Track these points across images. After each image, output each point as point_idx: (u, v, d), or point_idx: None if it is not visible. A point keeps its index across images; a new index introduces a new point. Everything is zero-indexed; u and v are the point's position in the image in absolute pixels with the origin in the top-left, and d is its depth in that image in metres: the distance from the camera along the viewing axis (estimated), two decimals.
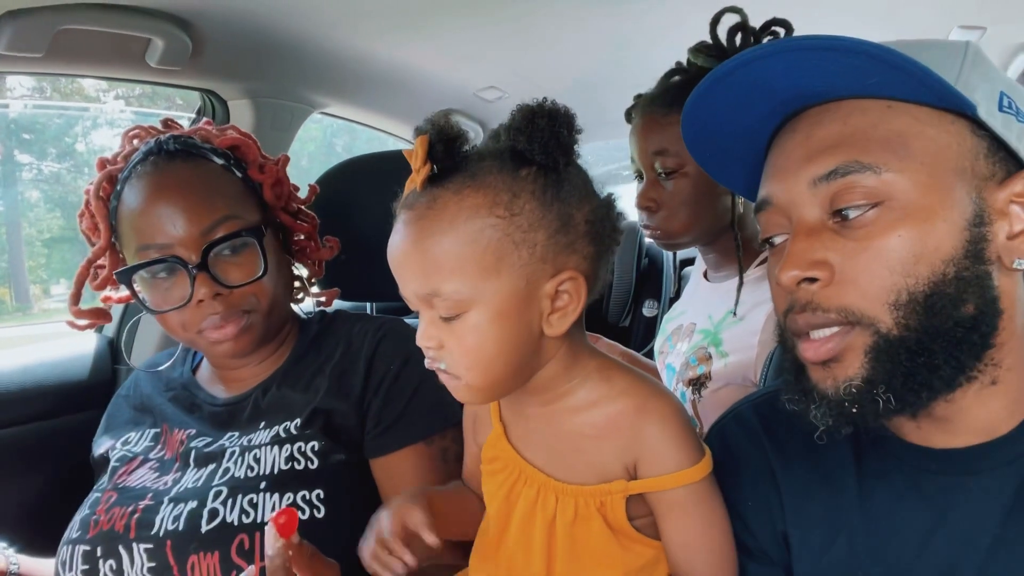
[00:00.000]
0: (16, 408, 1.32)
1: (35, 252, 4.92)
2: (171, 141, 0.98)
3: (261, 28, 1.37)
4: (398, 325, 1.08)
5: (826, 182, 0.60)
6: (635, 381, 0.72)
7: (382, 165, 1.34)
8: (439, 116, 0.67)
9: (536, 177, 0.65)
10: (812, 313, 0.61)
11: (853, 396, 0.60)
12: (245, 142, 1.05)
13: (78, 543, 0.91)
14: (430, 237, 0.64)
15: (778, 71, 0.61)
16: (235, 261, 0.95)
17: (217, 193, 0.96)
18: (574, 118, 0.66)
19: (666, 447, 0.68)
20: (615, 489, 0.69)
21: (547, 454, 0.73)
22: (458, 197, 0.64)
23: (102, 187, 0.98)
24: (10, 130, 4.10)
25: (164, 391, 1.10)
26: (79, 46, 1.21)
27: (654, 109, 1.18)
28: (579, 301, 0.67)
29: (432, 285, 0.65)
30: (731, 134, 0.69)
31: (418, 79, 1.84)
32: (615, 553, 0.70)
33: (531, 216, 0.64)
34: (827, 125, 0.62)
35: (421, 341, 0.68)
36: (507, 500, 0.74)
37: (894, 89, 0.59)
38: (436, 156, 0.65)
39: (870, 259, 0.58)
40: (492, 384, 0.68)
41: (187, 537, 0.86)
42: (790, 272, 0.61)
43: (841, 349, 0.60)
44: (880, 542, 0.65)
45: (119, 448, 1.04)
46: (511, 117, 0.66)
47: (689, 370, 1.19)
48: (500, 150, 0.67)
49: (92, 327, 1.04)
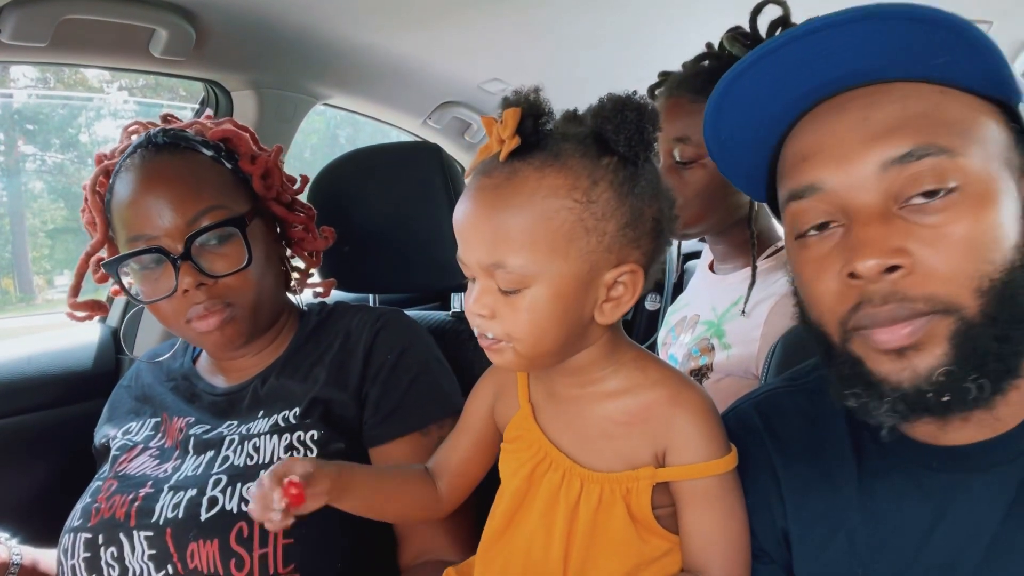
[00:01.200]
0: (21, 397, 1.32)
1: (39, 243, 4.94)
2: (160, 134, 0.99)
3: (265, 19, 1.37)
4: (397, 316, 1.09)
5: (899, 165, 0.57)
6: (669, 372, 0.73)
7: (386, 157, 1.34)
8: (531, 90, 0.67)
9: (616, 168, 0.66)
10: (899, 304, 0.57)
11: (942, 385, 0.57)
12: (237, 133, 1.05)
13: (80, 531, 0.92)
14: (506, 209, 0.65)
15: (839, 44, 0.59)
16: (220, 252, 0.95)
17: (204, 184, 0.97)
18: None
19: (697, 437, 0.69)
20: (643, 476, 0.70)
21: (575, 438, 0.74)
22: (539, 174, 0.65)
23: (98, 181, 1.00)
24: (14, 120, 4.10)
25: (165, 381, 1.10)
26: (83, 36, 1.20)
27: (682, 92, 1.15)
28: (634, 293, 0.69)
29: (499, 256, 0.65)
30: (751, 121, 0.67)
31: (422, 71, 1.84)
32: (632, 543, 0.70)
33: (606, 206, 0.65)
34: (884, 107, 0.59)
35: (474, 308, 0.69)
36: (528, 480, 0.75)
37: (955, 72, 0.58)
38: (524, 130, 0.65)
39: (950, 246, 0.56)
40: (536, 356, 0.69)
41: (187, 525, 0.87)
42: (868, 261, 0.56)
43: (921, 336, 0.57)
44: (880, 539, 0.65)
45: (120, 437, 1.04)
46: (600, 103, 0.66)
47: (691, 361, 1.19)
48: (583, 135, 0.67)
49: (89, 319, 1.06)
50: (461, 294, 1.39)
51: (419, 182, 1.21)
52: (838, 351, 0.62)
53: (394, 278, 1.29)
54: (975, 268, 0.56)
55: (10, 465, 1.29)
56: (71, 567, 0.91)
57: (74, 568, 0.90)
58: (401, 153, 1.37)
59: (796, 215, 0.64)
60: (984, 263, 0.56)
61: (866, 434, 0.69)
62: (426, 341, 1.08)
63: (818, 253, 0.62)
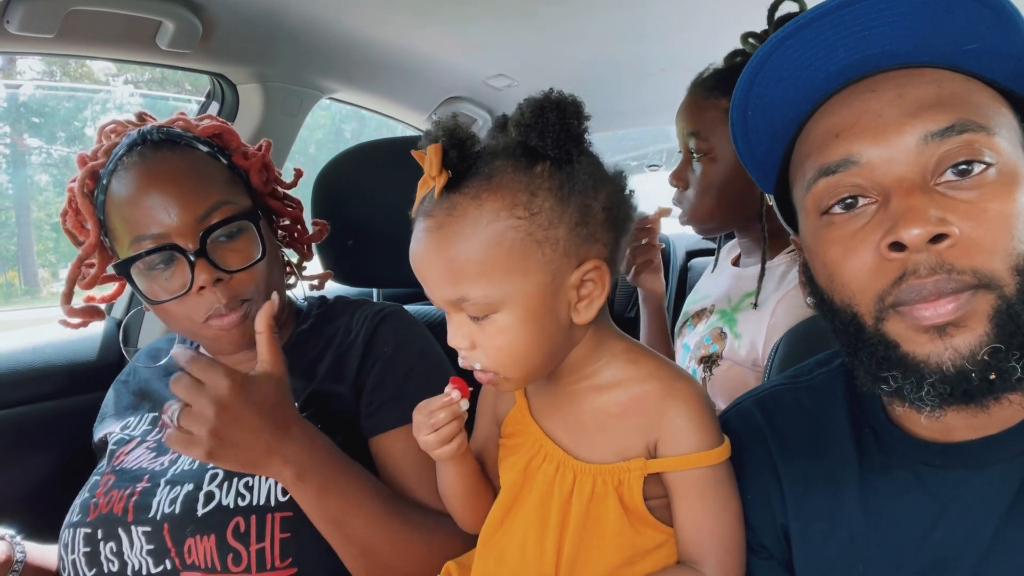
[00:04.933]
0: (26, 388, 1.33)
1: (44, 236, 4.94)
2: (154, 131, 0.97)
3: (272, 12, 1.37)
4: (397, 310, 1.09)
5: (940, 139, 0.57)
6: (661, 364, 0.73)
7: (390, 151, 1.34)
8: (447, 119, 0.66)
9: (552, 173, 0.65)
10: (946, 276, 0.55)
11: (988, 364, 0.55)
12: (226, 129, 1.05)
13: (79, 526, 0.92)
14: (453, 245, 0.65)
15: (874, 20, 0.59)
16: (232, 247, 0.95)
17: (207, 179, 0.96)
18: (582, 106, 0.66)
19: (688, 428, 0.69)
20: (634, 467, 0.70)
21: (569, 431, 0.74)
22: (477, 202, 0.64)
23: (85, 183, 0.96)
24: (20, 113, 4.11)
25: (163, 376, 1.10)
26: (90, 27, 1.21)
27: (697, 90, 1.21)
28: (604, 287, 0.69)
29: (460, 291, 0.65)
30: (777, 100, 0.67)
31: (427, 65, 1.84)
32: (626, 534, 0.71)
33: (551, 213, 0.65)
34: (919, 86, 0.59)
35: (453, 342, 0.69)
36: (524, 473, 0.75)
37: (984, 61, 0.59)
38: (450, 161, 0.65)
39: (991, 220, 0.55)
40: (527, 374, 0.70)
41: (184, 520, 0.87)
42: (914, 230, 0.55)
43: (963, 313, 0.55)
44: (881, 535, 0.65)
45: (118, 432, 1.05)
46: (519, 111, 0.66)
47: (702, 349, 1.21)
48: (511, 146, 0.66)
49: (84, 325, 1.03)
50: None
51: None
52: (870, 333, 0.60)
53: (397, 273, 1.29)
54: (1013, 246, 0.55)
55: (16, 454, 1.30)
56: (71, 562, 0.91)
57: (75, 563, 0.91)
58: (406, 147, 1.36)
59: (824, 191, 0.62)
60: (1020, 242, 0.56)
61: (868, 431, 0.69)
62: (424, 336, 1.08)
63: (847, 231, 0.61)
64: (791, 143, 0.69)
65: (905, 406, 0.62)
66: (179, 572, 0.86)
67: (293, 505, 0.86)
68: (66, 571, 0.92)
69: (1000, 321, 0.55)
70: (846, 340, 0.64)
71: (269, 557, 0.84)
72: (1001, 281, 0.55)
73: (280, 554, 0.85)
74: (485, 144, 0.68)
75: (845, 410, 0.72)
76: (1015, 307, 0.55)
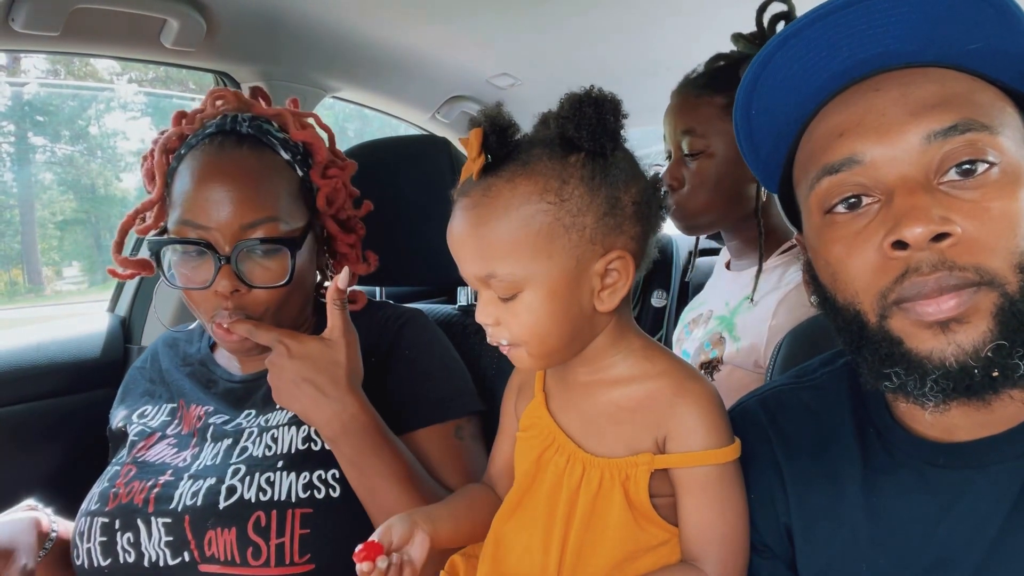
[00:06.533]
0: (29, 385, 1.33)
1: (48, 234, 4.96)
2: (245, 123, 0.98)
3: (276, 10, 1.38)
4: (419, 315, 1.10)
5: (943, 138, 0.57)
6: (676, 363, 0.75)
7: (393, 151, 1.34)
8: (492, 108, 0.71)
9: (584, 163, 0.69)
10: (948, 272, 0.56)
11: (991, 360, 0.55)
12: (318, 141, 1.04)
13: (97, 515, 0.92)
14: (486, 224, 0.69)
15: (877, 20, 0.59)
16: (263, 263, 0.94)
17: (270, 190, 0.95)
18: (620, 104, 0.69)
19: (698, 425, 0.70)
20: (641, 461, 0.71)
21: (582, 424, 0.76)
22: (511, 185, 0.68)
23: (170, 141, 0.98)
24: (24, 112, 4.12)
25: (181, 366, 1.11)
26: (94, 25, 1.21)
27: (688, 90, 1.21)
28: (628, 278, 0.71)
29: (488, 267, 0.69)
30: (780, 102, 0.67)
31: (430, 64, 1.84)
32: (629, 530, 0.71)
33: (580, 201, 0.68)
34: (922, 86, 0.60)
35: (480, 318, 0.73)
36: (536, 463, 0.76)
37: (987, 60, 0.59)
38: (490, 146, 0.69)
39: (994, 219, 0.56)
40: (547, 353, 0.73)
41: (205, 512, 0.87)
42: (916, 228, 0.55)
43: (966, 309, 0.56)
44: (884, 535, 0.65)
45: (136, 422, 1.05)
46: (560, 105, 0.69)
47: (702, 354, 1.21)
48: (549, 137, 0.70)
49: (133, 277, 1.04)
50: (467, 288, 1.39)
51: (427, 175, 1.22)
52: (873, 330, 0.61)
53: (401, 271, 1.29)
54: (1015, 244, 0.56)
55: (20, 451, 1.30)
56: (86, 550, 0.91)
57: (89, 551, 0.91)
58: (410, 146, 1.37)
59: (828, 191, 0.63)
60: (1023, 240, 0.56)
61: (872, 430, 0.69)
62: (445, 342, 1.09)
63: (851, 230, 0.61)
64: (795, 142, 0.69)
65: (909, 403, 0.62)
66: (198, 564, 0.86)
67: (313, 502, 0.87)
68: (80, 559, 0.92)
69: (1003, 318, 0.55)
70: (849, 338, 0.64)
71: (288, 552, 0.85)
72: (1004, 279, 0.55)
73: (299, 550, 0.85)
74: (526, 134, 0.72)
75: (849, 409, 0.72)
76: (1018, 304, 0.55)
